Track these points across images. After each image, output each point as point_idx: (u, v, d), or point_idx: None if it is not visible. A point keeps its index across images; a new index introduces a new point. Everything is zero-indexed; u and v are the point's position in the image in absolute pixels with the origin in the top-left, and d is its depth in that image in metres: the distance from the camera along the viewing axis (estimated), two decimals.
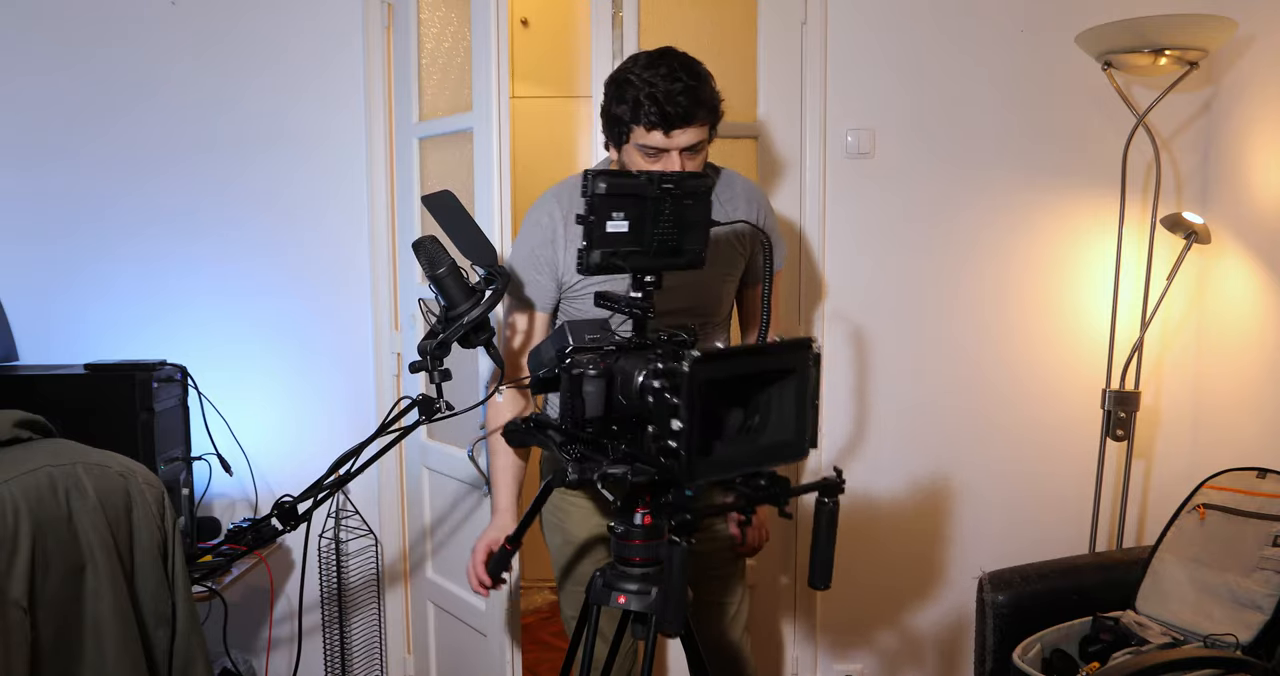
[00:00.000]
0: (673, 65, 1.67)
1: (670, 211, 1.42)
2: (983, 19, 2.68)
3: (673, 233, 1.43)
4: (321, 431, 2.73)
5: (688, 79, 1.66)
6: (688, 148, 1.69)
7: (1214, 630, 2.09)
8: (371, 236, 2.74)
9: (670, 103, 1.64)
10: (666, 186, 1.41)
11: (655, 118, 1.65)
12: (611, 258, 1.42)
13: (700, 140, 1.71)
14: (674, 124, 1.66)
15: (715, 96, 1.71)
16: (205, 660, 1.44)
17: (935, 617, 2.79)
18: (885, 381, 2.75)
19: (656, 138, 1.67)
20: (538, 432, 1.53)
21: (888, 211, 2.70)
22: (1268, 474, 2.19)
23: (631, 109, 1.67)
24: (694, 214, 1.45)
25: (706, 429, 1.26)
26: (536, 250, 1.84)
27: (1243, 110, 2.60)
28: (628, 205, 1.40)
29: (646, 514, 1.46)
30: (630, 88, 1.67)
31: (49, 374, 2.39)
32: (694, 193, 1.44)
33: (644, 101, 1.65)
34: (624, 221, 1.41)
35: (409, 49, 2.57)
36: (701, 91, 1.68)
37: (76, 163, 2.66)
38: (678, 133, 1.67)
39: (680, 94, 1.65)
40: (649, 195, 1.40)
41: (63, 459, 1.29)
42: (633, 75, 1.68)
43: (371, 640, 2.74)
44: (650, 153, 1.70)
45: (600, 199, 1.38)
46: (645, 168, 1.71)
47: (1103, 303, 2.66)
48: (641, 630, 1.50)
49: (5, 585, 1.16)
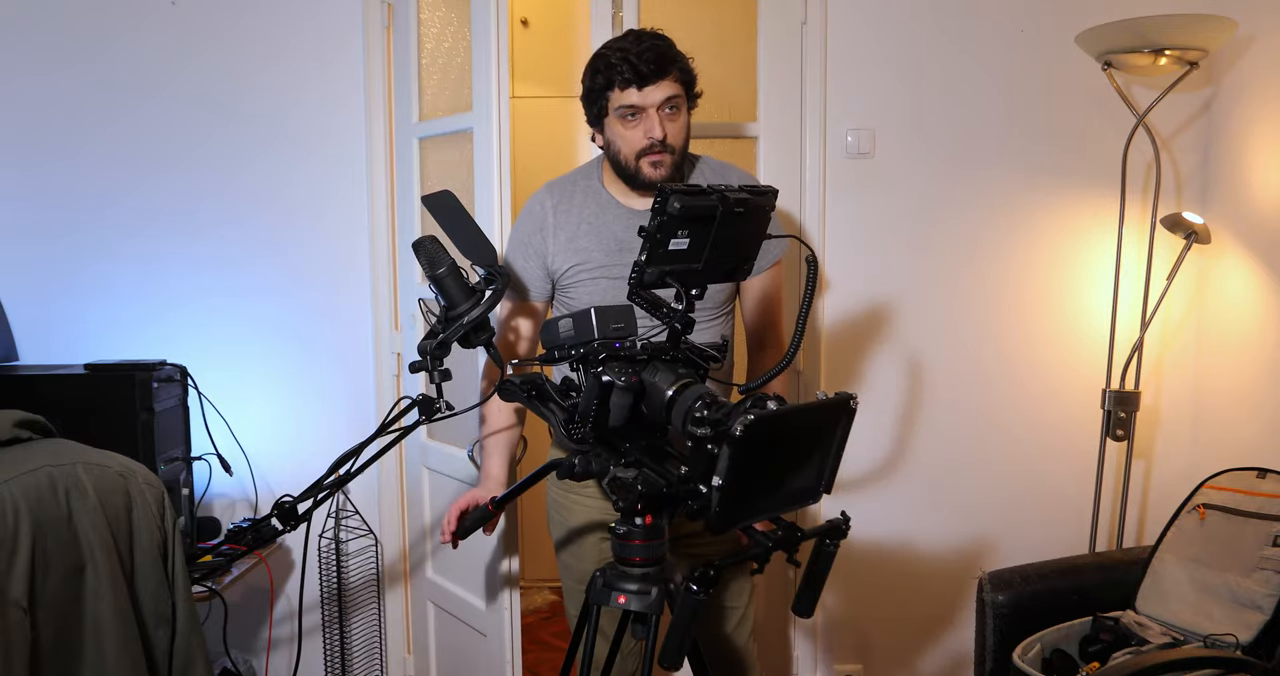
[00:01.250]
0: (640, 33, 1.80)
1: (733, 230, 1.39)
2: (983, 19, 2.68)
3: (730, 250, 1.42)
4: (321, 431, 2.73)
5: (654, 40, 1.77)
6: (666, 106, 1.76)
7: (1214, 630, 2.09)
8: (371, 236, 2.74)
9: (640, 59, 1.73)
10: (739, 210, 1.36)
11: (629, 74, 1.73)
12: (666, 275, 1.39)
13: (675, 95, 1.77)
14: (647, 78, 1.74)
15: (686, 60, 1.80)
16: (205, 660, 1.44)
17: (935, 617, 2.79)
18: (885, 381, 2.75)
19: (632, 95, 1.75)
20: (538, 403, 1.53)
21: (888, 211, 2.70)
22: (1268, 474, 2.19)
23: (605, 74, 1.76)
24: (752, 229, 1.43)
25: (738, 479, 1.22)
26: (527, 237, 1.91)
27: (1243, 110, 2.60)
28: (696, 227, 1.35)
29: (648, 513, 1.46)
30: (602, 59, 1.78)
31: (49, 374, 2.39)
32: (759, 209, 1.42)
33: (615, 62, 1.75)
34: (686, 239, 1.35)
35: (409, 49, 2.57)
36: (670, 50, 1.77)
37: (76, 162, 2.66)
38: (651, 89, 1.74)
39: (648, 51, 1.74)
40: (718, 216, 1.35)
41: (63, 459, 1.29)
42: (603, 50, 1.80)
43: (371, 640, 2.74)
44: (629, 114, 1.77)
45: (672, 219, 1.32)
46: (625, 134, 1.78)
47: (1103, 303, 2.66)
48: (642, 630, 1.50)
49: (5, 585, 1.16)
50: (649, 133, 1.76)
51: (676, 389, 1.35)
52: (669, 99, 1.76)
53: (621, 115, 1.77)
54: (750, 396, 1.27)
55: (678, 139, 1.79)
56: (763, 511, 1.32)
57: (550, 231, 1.88)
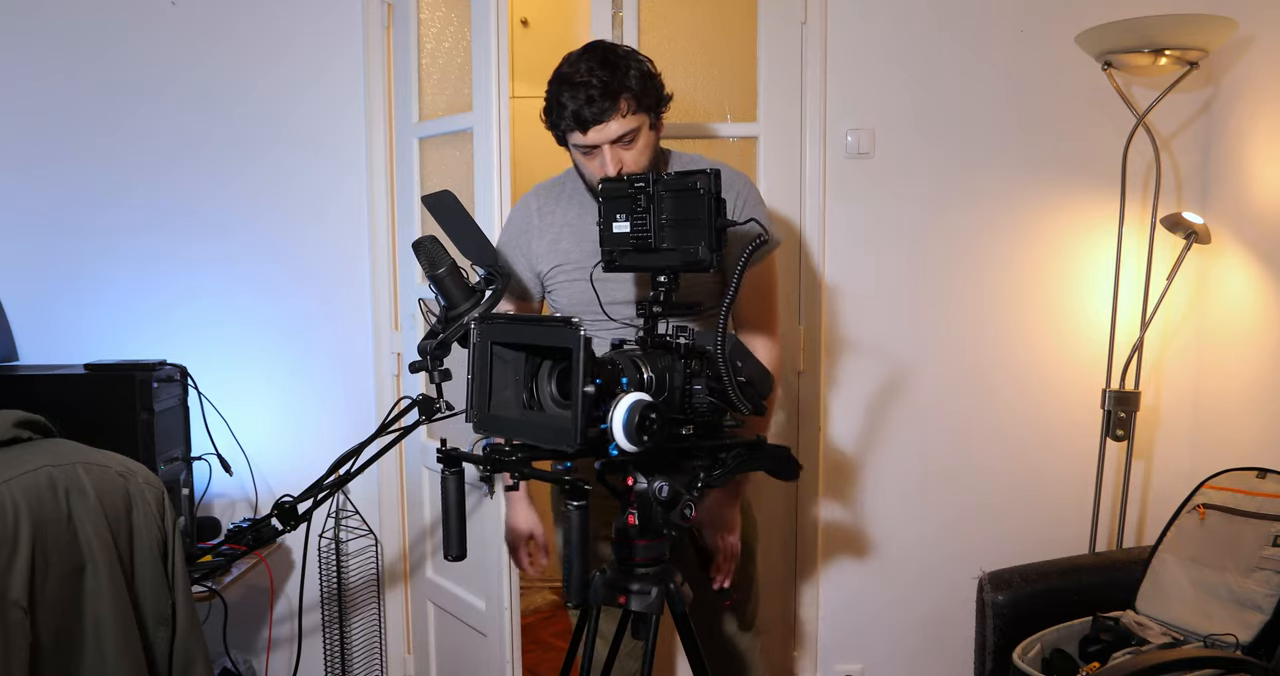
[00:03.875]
0: (590, 63, 1.69)
1: (658, 210, 1.43)
2: (983, 19, 2.68)
3: (663, 232, 1.44)
4: (321, 431, 2.73)
5: (601, 74, 1.67)
6: (619, 140, 1.71)
7: (1214, 630, 2.09)
8: (371, 236, 2.74)
9: (584, 104, 1.67)
10: (639, 184, 1.43)
11: (571, 120, 1.69)
12: (613, 256, 1.50)
13: (627, 130, 1.71)
14: (589, 122, 1.69)
15: (640, 82, 1.70)
16: (205, 660, 1.44)
17: (935, 617, 2.79)
18: (884, 381, 2.75)
19: (578, 137, 1.72)
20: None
21: (887, 211, 2.70)
22: (1268, 474, 2.19)
23: (554, 115, 1.72)
24: (693, 213, 1.42)
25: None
26: (514, 239, 1.94)
27: (1243, 110, 2.60)
28: (624, 207, 1.45)
29: (631, 513, 1.46)
30: (550, 94, 1.72)
31: (49, 374, 2.39)
32: (677, 191, 1.42)
33: (558, 105, 1.70)
34: (626, 223, 1.46)
35: (409, 49, 2.57)
36: (614, 84, 1.67)
37: (77, 163, 2.66)
38: (596, 131, 1.69)
39: (592, 90, 1.66)
40: (624, 193, 1.45)
41: (62, 459, 1.29)
42: (553, 82, 1.72)
43: (371, 640, 2.74)
44: (585, 151, 1.74)
45: (604, 202, 1.48)
46: (585, 164, 1.77)
47: (1103, 302, 2.66)
48: (642, 630, 1.50)
49: (5, 585, 1.16)
50: (604, 169, 1.72)
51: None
52: (621, 136, 1.71)
53: (578, 150, 1.76)
54: None
55: (637, 164, 1.75)
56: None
57: (535, 234, 1.91)
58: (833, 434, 2.75)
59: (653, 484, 1.42)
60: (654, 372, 1.41)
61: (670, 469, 1.45)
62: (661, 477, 1.42)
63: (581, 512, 1.33)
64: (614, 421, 1.29)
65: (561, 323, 1.29)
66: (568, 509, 1.34)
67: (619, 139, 1.71)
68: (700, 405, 1.43)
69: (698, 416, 1.45)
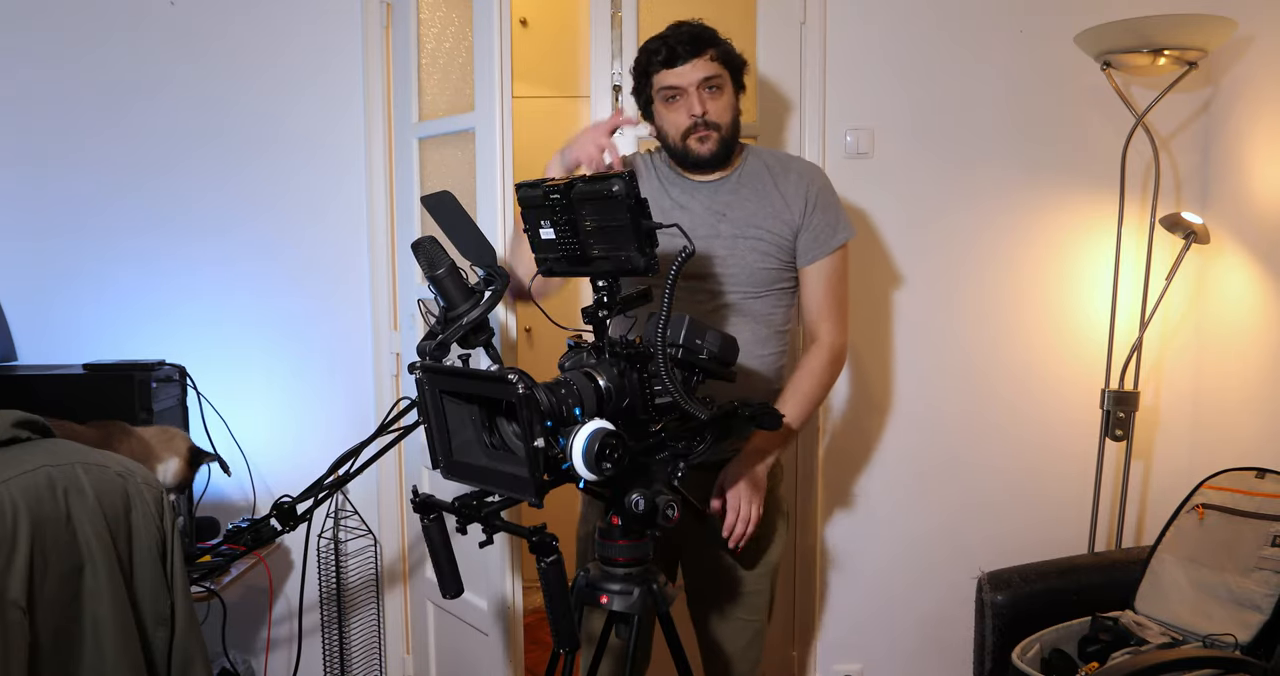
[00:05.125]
0: (680, 22, 1.84)
1: (578, 218, 1.42)
2: (982, 19, 2.67)
3: (590, 240, 1.43)
4: (321, 431, 2.73)
5: (691, 26, 1.82)
6: (705, 85, 1.79)
7: (1213, 630, 2.09)
8: (371, 236, 2.74)
9: (675, 41, 1.78)
10: (554, 195, 1.43)
11: (664, 55, 1.78)
12: (549, 263, 1.51)
13: (714, 75, 1.79)
14: (680, 56, 1.77)
15: (725, 42, 1.82)
16: (204, 660, 1.44)
17: (935, 617, 2.79)
18: (884, 381, 2.75)
19: (668, 76, 1.79)
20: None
21: (887, 211, 2.70)
22: (1267, 474, 2.20)
23: (645, 59, 1.82)
24: (609, 218, 1.40)
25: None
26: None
27: (1242, 110, 2.60)
28: (545, 214, 1.46)
29: (614, 514, 1.46)
30: (643, 49, 1.84)
31: (48, 374, 2.39)
32: (592, 198, 1.39)
33: (655, 48, 1.80)
34: (551, 229, 1.47)
35: (409, 49, 2.57)
36: (706, 32, 1.80)
37: (76, 162, 2.66)
38: (686, 68, 1.77)
39: (684, 33, 1.79)
40: (541, 203, 1.45)
41: (61, 459, 1.29)
42: (642, 50, 1.86)
43: (371, 640, 2.74)
44: (671, 96, 1.80)
45: (524, 209, 1.49)
46: (669, 116, 1.82)
47: (1102, 302, 2.66)
48: (625, 630, 1.50)
49: (4, 585, 1.15)
50: (690, 110, 1.79)
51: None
52: (707, 79, 1.79)
53: (664, 97, 1.82)
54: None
55: (721, 116, 1.82)
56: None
57: None
58: (832, 433, 2.75)
59: (629, 498, 1.40)
60: (610, 381, 1.38)
61: (644, 472, 1.43)
62: (636, 488, 1.40)
63: (555, 567, 1.34)
64: (573, 455, 1.26)
65: (499, 378, 1.26)
66: (541, 565, 1.34)
67: (706, 80, 1.78)
68: (664, 404, 1.42)
69: (664, 414, 1.43)
